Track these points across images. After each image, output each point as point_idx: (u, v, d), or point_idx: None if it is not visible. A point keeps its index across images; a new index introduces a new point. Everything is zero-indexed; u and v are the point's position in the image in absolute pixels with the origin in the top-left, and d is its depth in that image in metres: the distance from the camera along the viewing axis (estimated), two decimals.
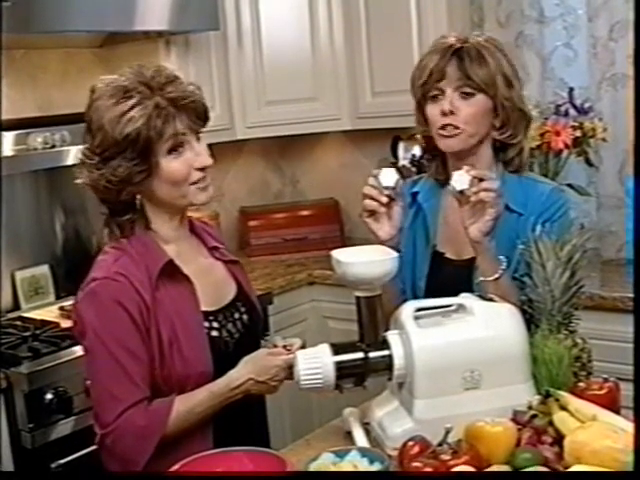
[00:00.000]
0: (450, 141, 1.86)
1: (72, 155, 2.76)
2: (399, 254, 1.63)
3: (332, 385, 1.60)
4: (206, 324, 1.73)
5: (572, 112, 2.98)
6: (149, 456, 1.62)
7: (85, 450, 2.31)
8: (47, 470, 2.31)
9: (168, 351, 1.66)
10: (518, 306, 1.68)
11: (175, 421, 1.64)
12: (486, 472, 1.36)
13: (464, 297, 1.67)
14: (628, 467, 1.27)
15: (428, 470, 1.35)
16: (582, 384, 1.58)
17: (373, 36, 3.34)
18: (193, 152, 1.69)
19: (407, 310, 1.62)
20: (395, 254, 1.63)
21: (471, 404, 1.55)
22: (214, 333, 1.74)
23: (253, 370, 1.69)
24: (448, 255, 1.94)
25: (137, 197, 1.70)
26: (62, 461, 2.32)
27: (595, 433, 1.36)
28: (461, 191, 1.71)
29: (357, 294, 1.62)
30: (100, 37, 3.09)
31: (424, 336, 1.58)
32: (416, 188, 2.00)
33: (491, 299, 1.67)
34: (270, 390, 1.73)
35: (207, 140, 1.74)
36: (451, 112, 1.83)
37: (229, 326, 1.77)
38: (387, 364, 1.60)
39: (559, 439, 1.41)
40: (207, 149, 1.72)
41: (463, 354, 1.57)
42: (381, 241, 1.79)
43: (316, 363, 1.59)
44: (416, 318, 1.61)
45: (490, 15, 3.23)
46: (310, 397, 3.03)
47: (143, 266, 1.68)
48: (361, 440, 1.64)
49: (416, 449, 1.43)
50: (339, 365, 1.59)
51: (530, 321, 1.69)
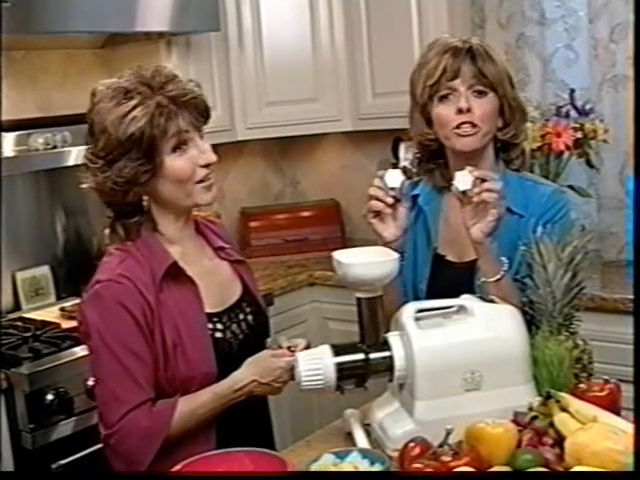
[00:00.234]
0: (467, 140, 1.84)
1: (73, 156, 2.76)
2: (402, 256, 1.62)
3: (333, 386, 1.60)
4: (210, 326, 1.73)
5: (573, 114, 2.98)
6: (153, 456, 1.62)
7: (86, 451, 2.32)
8: (48, 471, 2.31)
9: (172, 353, 1.66)
10: (519, 307, 1.68)
11: (178, 422, 1.64)
12: (487, 473, 1.36)
13: (465, 298, 1.67)
14: (628, 468, 1.27)
15: (429, 471, 1.35)
16: (583, 385, 1.58)
17: (374, 37, 3.34)
18: (197, 150, 1.69)
19: (408, 311, 1.62)
20: (396, 255, 1.63)
21: (472, 405, 1.55)
22: (218, 334, 1.74)
23: (256, 372, 1.69)
24: (449, 258, 1.94)
25: (144, 199, 1.70)
26: (63, 462, 2.33)
27: (596, 434, 1.36)
28: (464, 191, 1.70)
29: (358, 295, 1.62)
30: (101, 38, 3.09)
31: (425, 337, 1.58)
32: (416, 191, 1.99)
33: (492, 300, 1.67)
34: (274, 391, 1.73)
35: (208, 141, 1.73)
36: (468, 110, 1.82)
37: (233, 327, 1.77)
38: (388, 365, 1.60)
39: (560, 440, 1.41)
40: (210, 147, 1.73)
41: (464, 355, 1.57)
42: (386, 242, 1.78)
43: (317, 364, 1.59)
44: (417, 319, 1.61)
45: (491, 16, 3.23)
46: (311, 398, 3.03)
47: (147, 268, 1.68)
48: (362, 441, 1.64)
49: (417, 450, 1.43)
50: (340, 366, 1.59)
51: (531, 322, 1.69)
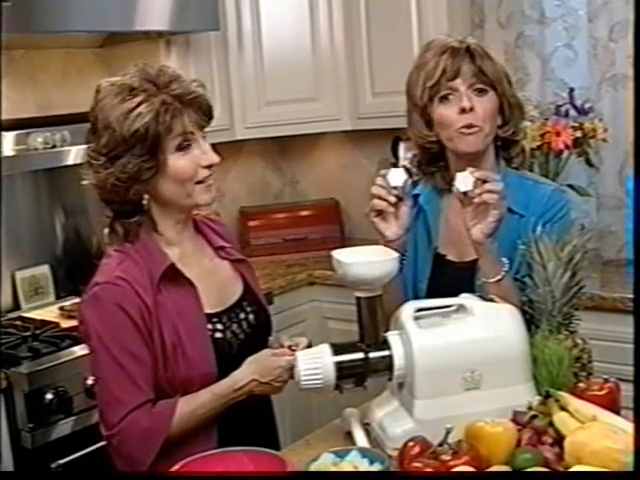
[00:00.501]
0: (470, 140, 1.83)
1: (72, 155, 2.76)
2: (403, 255, 1.62)
3: (332, 385, 1.60)
4: (210, 326, 1.73)
5: (572, 113, 2.98)
6: (154, 456, 1.63)
7: (85, 450, 2.32)
8: (47, 470, 2.31)
9: (171, 354, 1.66)
10: (519, 307, 1.68)
11: (179, 422, 1.65)
12: (486, 473, 1.36)
13: (464, 297, 1.67)
14: (628, 467, 1.27)
15: (428, 470, 1.35)
16: (582, 385, 1.58)
17: (373, 36, 3.34)
18: (200, 150, 1.69)
19: (407, 310, 1.62)
20: (395, 255, 1.63)
21: (471, 404, 1.55)
22: (218, 335, 1.74)
23: (256, 371, 1.69)
24: (450, 257, 1.93)
25: (145, 197, 1.69)
26: (62, 461, 2.33)
27: (595, 434, 1.36)
28: (464, 192, 1.70)
29: (357, 294, 1.62)
30: (100, 37, 3.09)
31: (424, 336, 1.58)
32: (417, 190, 1.98)
33: (491, 300, 1.67)
34: (274, 391, 1.73)
35: (207, 140, 1.73)
36: (470, 109, 1.81)
37: (234, 327, 1.77)
38: (387, 364, 1.60)
39: (559, 440, 1.41)
40: (211, 148, 1.73)
41: (463, 354, 1.57)
42: (388, 241, 1.78)
43: (316, 363, 1.59)
44: (416, 318, 1.61)
45: (491, 16, 3.23)
46: (310, 397, 3.03)
47: (145, 270, 1.68)
48: (361, 440, 1.64)
49: (416, 449, 1.43)
50: (339, 365, 1.59)
51: (530, 321, 1.69)
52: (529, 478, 1.34)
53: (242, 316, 1.80)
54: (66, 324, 2.63)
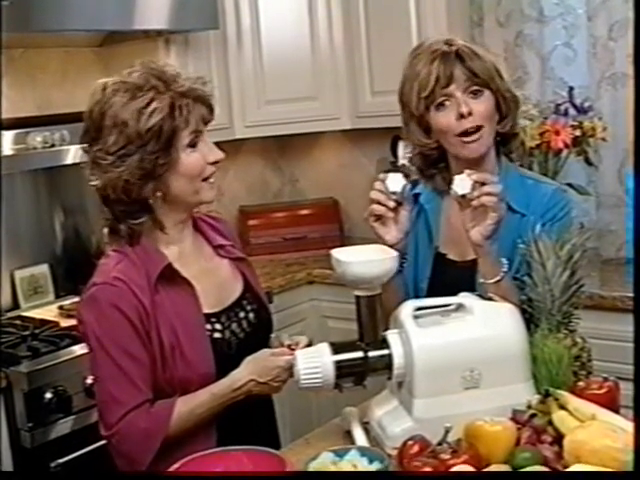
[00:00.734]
0: (473, 147, 1.82)
1: (72, 154, 2.76)
2: (403, 257, 1.61)
3: (331, 384, 1.60)
4: (208, 326, 1.72)
5: (572, 111, 2.98)
6: (152, 456, 1.63)
7: (84, 449, 2.32)
8: (46, 469, 2.31)
9: (170, 354, 1.66)
10: (518, 306, 1.68)
11: (177, 422, 1.64)
12: (485, 472, 1.36)
13: (463, 296, 1.67)
14: (627, 466, 1.27)
15: (427, 469, 1.35)
16: (582, 383, 1.58)
17: (372, 35, 3.34)
18: (206, 146, 1.70)
19: (406, 309, 1.62)
20: (395, 253, 1.63)
21: (471, 403, 1.55)
22: (217, 335, 1.73)
23: (254, 371, 1.68)
24: (450, 256, 1.93)
25: (157, 194, 1.67)
26: (61, 460, 2.32)
27: (594, 432, 1.36)
28: (463, 195, 1.70)
29: (357, 293, 1.62)
30: (99, 36, 3.09)
31: (423, 335, 1.58)
32: (418, 189, 1.98)
33: (490, 298, 1.67)
34: (273, 390, 1.73)
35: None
36: (469, 114, 1.80)
37: (233, 326, 1.77)
38: (386, 363, 1.60)
39: (558, 438, 1.41)
40: None
41: (462, 353, 1.57)
42: (388, 246, 1.77)
43: (315, 362, 1.59)
44: (415, 317, 1.61)
45: (490, 15, 3.23)
46: (309, 396, 3.03)
47: (143, 270, 1.68)
48: (360, 439, 1.64)
49: (416, 448, 1.43)
50: (338, 364, 1.59)
51: (530, 320, 1.68)
52: (528, 477, 1.34)
53: (242, 315, 1.80)
54: (65, 323, 2.63)
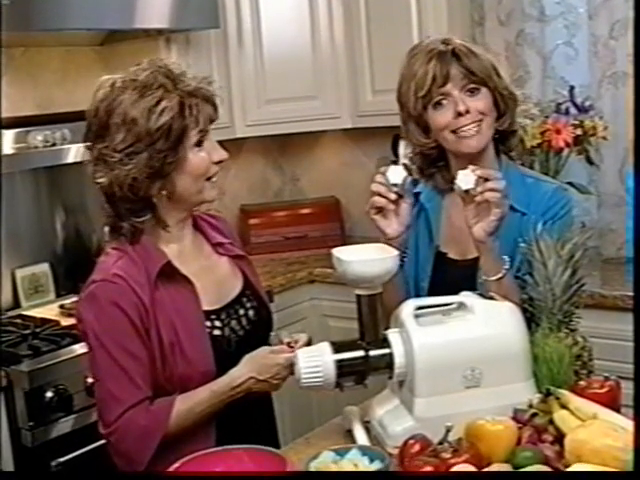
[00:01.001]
0: (471, 142, 1.83)
1: (72, 153, 2.76)
2: (404, 253, 1.61)
3: (332, 383, 1.60)
4: (208, 324, 1.72)
5: (573, 110, 2.98)
6: (151, 455, 1.62)
7: (85, 448, 2.32)
8: (47, 468, 2.31)
9: (169, 351, 1.66)
10: (519, 305, 1.68)
11: (176, 420, 1.64)
12: (486, 471, 1.35)
13: (464, 295, 1.67)
14: (629, 466, 1.27)
15: (428, 469, 1.35)
16: (583, 382, 1.58)
17: (373, 34, 3.34)
18: (211, 146, 1.70)
19: (407, 308, 1.62)
20: (395, 252, 1.63)
21: (472, 402, 1.55)
22: (216, 332, 1.73)
23: (254, 369, 1.68)
24: (451, 255, 1.93)
25: (163, 193, 1.67)
26: (62, 459, 2.32)
27: (595, 432, 1.36)
28: (466, 191, 1.70)
29: (358, 292, 1.62)
30: (100, 35, 3.09)
31: (424, 334, 1.58)
32: (418, 188, 1.98)
33: (492, 297, 1.67)
34: (272, 388, 1.73)
35: None
36: (466, 111, 1.81)
37: (233, 324, 1.77)
38: (387, 362, 1.60)
39: (559, 438, 1.41)
40: None
41: (464, 352, 1.57)
42: (389, 238, 1.78)
43: (316, 361, 1.59)
44: (416, 316, 1.61)
45: (491, 13, 3.23)
46: (310, 395, 3.03)
47: (143, 267, 1.67)
48: (361, 438, 1.64)
49: (417, 447, 1.43)
50: (339, 363, 1.59)
51: (531, 319, 1.68)
52: (529, 477, 1.34)
53: (241, 312, 1.80)
54: (66, 322, 2.63)
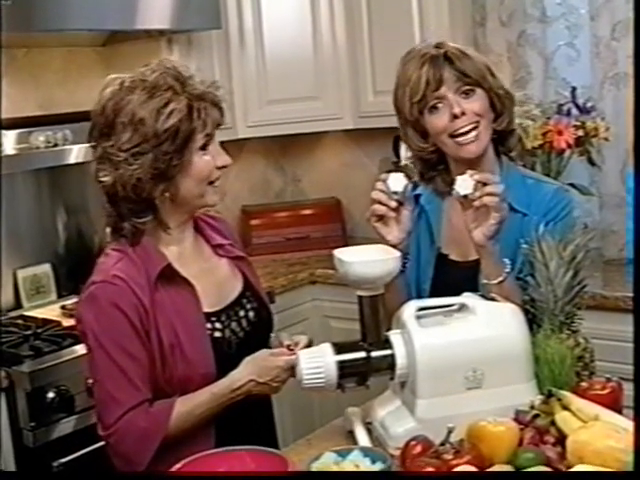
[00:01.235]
0: (471, 147, 1.83)
1: (74, 154, 2.76)
2: (406, 258, 1.61)
3: (334, 384, 1.60)
4: (208, 325, 1.72)
5: (574, 111, 2.97)
6: (151, 457, 1.62)
7: (87, 449, 2.32)
8: (49, 469, 2.31)
9: (169, 353, 1.65)
10: (521, 306, 1.68)
11: (176, 422, 1.64)
12: (488, 472, 1.35)
13: (466, 297, 1.67)
14: (630, 466, 1.27)
15: (430, 470, 1.35)
16: (584, 384, 1.58)
17: (375, 35, 3.34)
18: (216, 150, 1.70)
19: (409, 309, 1.62)
20: (397, 253, 1.63)
21: (473, 404, 1.55)
22: (217, 334, 1.73)
23: (254, 371, 1.68)
24: (452, 257, 1.93)
25: (166, 195, 1.67)
26: (63, 460, 2.32)
27: (597, 433, 1.36)
28: (465, 196, 1.70)
29: (359, 293, 1.62)
30: (102, 36, 3.09)
31: (426, 335, 1.58)
32: (418, 190, 1.98)
33: (493, 298, 1.67)
34: (272, 391, 1.72)
35: None
36: (462, 113, 1.81)
37: (233, 325, 1.76)
38: (389, 363, 1.60)
39: (561, 439, 1.41)
40: None
41: (465, 353, 1.57)
42: (390, 246, 1.77)
43: (318, 362, 1.59)
44: (418, 317, 1.61)
45: (492, 14, 3.23)
46: (312, 396, 3.03)
47: (143, 269, 1.67)
48: (363, 440, 1.64)
49: (418, 449, 1.43)
50: (341, 364, 1.59)
51: (532, 321, 1.68)
52: (531, 478, 1.34)
53: (242, 314, 1.80)
54: (67, 323, 2.63)
